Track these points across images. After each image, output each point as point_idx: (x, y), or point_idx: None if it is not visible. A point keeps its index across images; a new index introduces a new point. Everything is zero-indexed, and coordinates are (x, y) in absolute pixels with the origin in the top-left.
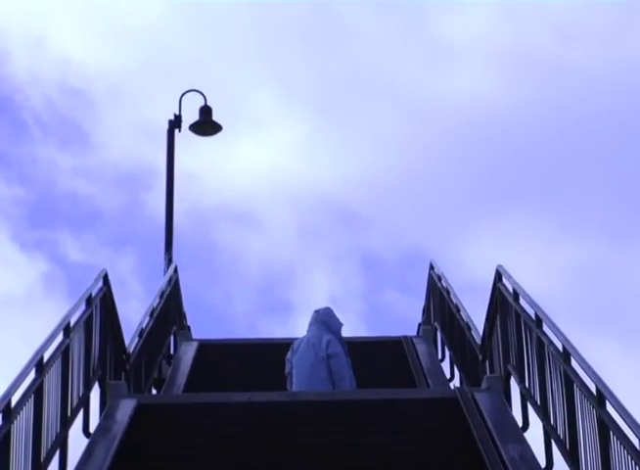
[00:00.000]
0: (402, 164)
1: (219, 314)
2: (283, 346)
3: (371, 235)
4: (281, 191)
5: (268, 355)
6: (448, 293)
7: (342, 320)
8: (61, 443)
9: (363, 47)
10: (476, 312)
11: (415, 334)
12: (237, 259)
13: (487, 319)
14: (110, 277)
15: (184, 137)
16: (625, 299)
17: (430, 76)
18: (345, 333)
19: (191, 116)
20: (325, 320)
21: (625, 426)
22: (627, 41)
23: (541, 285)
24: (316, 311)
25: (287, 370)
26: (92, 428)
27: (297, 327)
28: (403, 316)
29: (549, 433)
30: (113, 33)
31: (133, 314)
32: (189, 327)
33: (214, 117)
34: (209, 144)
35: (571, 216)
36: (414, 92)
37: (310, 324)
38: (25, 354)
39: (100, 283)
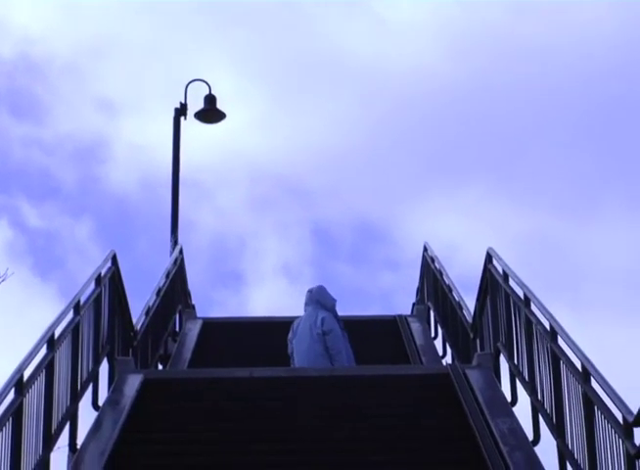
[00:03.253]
0: (354, 138)
1: None
2: (283, 324)
3: (322, 208)
4: (233, 164)
5: (269, 333)
6: (441, 274)
7: (334, 296)
8: (71, 415)
9: (314, 26)
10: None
11: (409, 313)
12: (188, 230)
13: (478, 299)
14: (67, 244)
15: (144, 110)
16: (577, 271)
17: (379, 52)
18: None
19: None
20: (318, 298)
21: (609, 401)
22: (580, 15)
23: None
24: (310, 291)
25: (289, 351)
26: (101, 401)
27: (250, 297)
28: (354, 287)
29: (536, 407)
30: (70, 10)
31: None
32: (193, 306)
33: (166, 97)
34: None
35: (522, 189)
36: (364, 68)
37: (306, 304)
38: None
39: (109, 263)
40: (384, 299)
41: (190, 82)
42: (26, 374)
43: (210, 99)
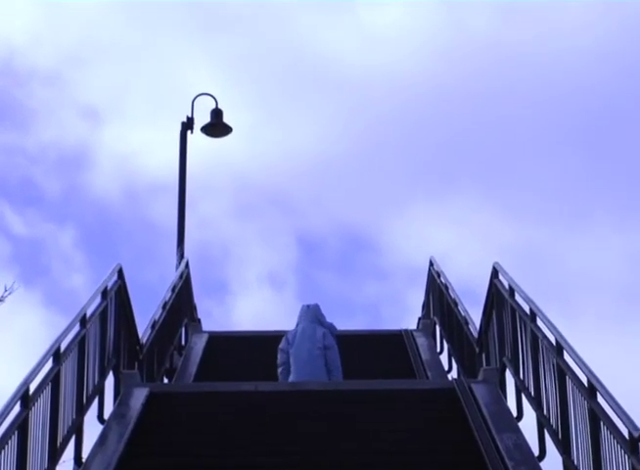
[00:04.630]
0: (340, 146)
1: (156, 295)
2: None
3: (307, 216)
4: (217, 172)
5: (273, 347)
6: (447, 288)
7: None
8: (76, 429)
9: (300, 35)
10: (416, 294)
11: (415, 327)
12: (172, 238)
13: (484, 314)
14: (52, 252)
15: (128, 118)
16: (566, 281)
17: (365, 59)
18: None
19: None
20: (316, 315)
21: (615, 417)
22: (569, 22)
23: (480, 267)
24: (307, 306)
25: (281, 360)
26: (106, 415)
27: (234, 306)
28: (340, 297)
29: (542, 423)
30: (53, 18)
31: (80, 288)
32: (199, 320)
33: (145, 101)
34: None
35: (511, 198)
36: (350, 75)
37: (301, 317)
38: None
39: (115, 277)
40: (370, 308)
41: (197, 96)
42: (32, 387)
43: (217, 113)
